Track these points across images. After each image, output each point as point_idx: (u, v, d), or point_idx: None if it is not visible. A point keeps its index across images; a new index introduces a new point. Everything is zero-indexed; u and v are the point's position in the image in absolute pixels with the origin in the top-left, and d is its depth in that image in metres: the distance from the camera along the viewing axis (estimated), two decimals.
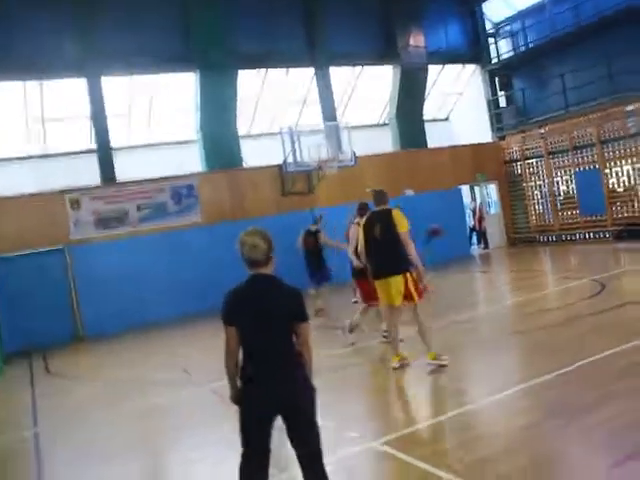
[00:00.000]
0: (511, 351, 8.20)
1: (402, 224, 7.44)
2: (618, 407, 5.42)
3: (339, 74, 20.68)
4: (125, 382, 9.52)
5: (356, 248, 8.48)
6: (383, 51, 21.18)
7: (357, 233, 8.46)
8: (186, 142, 18.76)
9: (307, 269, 12.72)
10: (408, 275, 7.39)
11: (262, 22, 18.66)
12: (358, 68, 21.47)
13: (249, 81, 19.35)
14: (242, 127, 19.16)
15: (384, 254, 7.45)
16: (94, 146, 17.29)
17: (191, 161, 18.01)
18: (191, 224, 16.61)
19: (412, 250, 7.37)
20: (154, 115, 18.95)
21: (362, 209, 9.24)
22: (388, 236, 7.41)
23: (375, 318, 9.45)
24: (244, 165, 18.16)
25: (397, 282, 7.39)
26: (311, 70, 20.06)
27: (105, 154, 17.01)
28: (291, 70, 20.18)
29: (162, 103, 18.82)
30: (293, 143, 17.13)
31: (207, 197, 17.04)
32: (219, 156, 17.85)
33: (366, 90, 22.41)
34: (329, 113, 19.65)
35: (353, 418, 6.32)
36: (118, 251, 15.43)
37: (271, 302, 3.74)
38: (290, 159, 17.19)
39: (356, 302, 11.32)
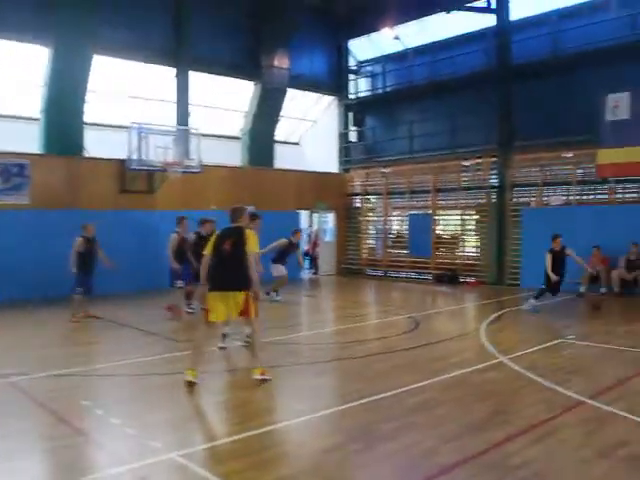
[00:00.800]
0: (325, 376, 8.43)
1: (252, 244, 7.63)
2: (414, 437, 5.77)
3: (199, 80, 20.42)
4: None
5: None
6: (246, 66, 21.21)
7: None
8: (27, 119, 17.65)
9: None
10: (248, 293, 7.54)
11: (129, 12, 17.98)
12: (220, 78, 21.34)
13: (105, 69, 18.59)
14: (89, 115, 18.32)
15: (230, 269, 7.53)
16: None
17: (29, 140, 16.95)
18: (17, 205, 15.59)
19: (254, 272, 7.56)
20: None
21: (252, 216, 9.77)
22: (237, 253, 7.54)
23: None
24: (85, 154, 17.36)
25: (237, 297, 7.53)
26: (172, 70, 19.65)
27: None
28: (152, 67, 19.65)
29: (8, 73, 17.52)
30: (140, 140, 16.68)
31: (40, 180, 16.05)
32: (60, 140, 16.90)
33: (223, 101, 22.33)
34: (182, 117, 19.32)
35: (157, 428, 6.19)
36: None
37: None
38: (135, 156, 16.69)
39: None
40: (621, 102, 16.20)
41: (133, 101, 20.08)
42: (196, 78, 20.12)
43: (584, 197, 17.47)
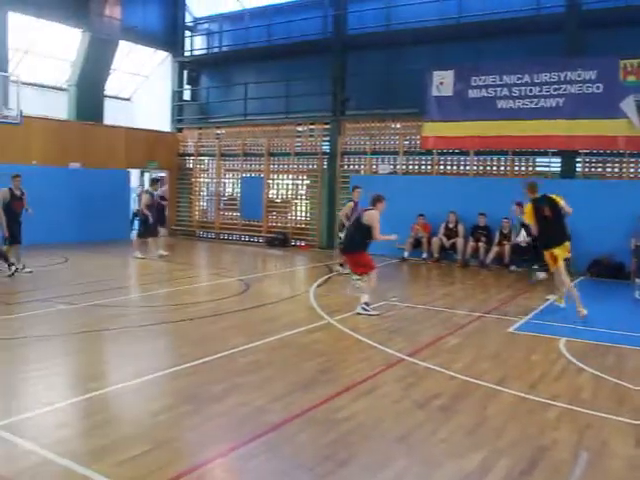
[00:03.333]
0: (153, 339, 8.26)
1: None
2: (243, 397, 5.84)
3: (19, 22, 18.86)
4: None
5: None
6: (74, 11, 19.79)
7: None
8: None
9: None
10: None
11: None
12: (43, 22, 19.84)
13: None
14: None
15: None
16: None
17: None
18: None
19: None
20: None
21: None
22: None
23: None
24: None
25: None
26: None
27: None
28: None
29: None
30: None
31: None
32: None
33: (48, 48, 20.86)
34: (0, 61, 17.79)
35: None
36: None
37: None
38: None
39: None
40: (445, 79, 17.13)
41: None
42: (17, 19, 18.57)
43: (410, 167, 18.35)
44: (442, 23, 17.74)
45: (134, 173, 22.27)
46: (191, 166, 23.02)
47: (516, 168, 16.80)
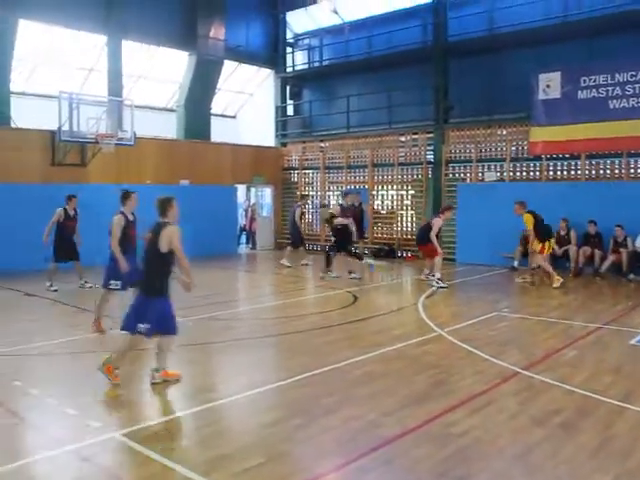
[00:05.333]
0: (265, 351, 8.41)
1: None
2: (356, 410, 5.81)
3: (132, 50, 19.84)
4: None
5: None
6: (181, 36, 20.69)
7: None
8: None
9: None
10: None
11: None
12: (153, 48, 20.81)
13: (32, 35, 17.86)
14: (16, 83, 17.62)
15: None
16: None
17: None
18: None
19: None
20: None
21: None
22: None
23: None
24: (12, 125, 16.67)
25: None
26: (103, 38, 19.03)
27: None
28: (82, 34, 18.97)
29: None
30: (71, 111, 16.08)
31: None
32: None
33: (158, 72, 21.82)
34: (115, 87, 18.73)
35: (96, 407, 6.05)
36: None
37: None
38: (66, 127, 16.09)
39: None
40: (552, 81, 16.57)
41: (62, 70, 19.43)
42: (129, 47, 19.55)
43: (517, 174, 17.85)
44: (547, 23, 17.18)
45: (240, 189, 22.81)
46: (296, 180, 23.35)
47: (632, 171, 16.00)
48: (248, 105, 25.70)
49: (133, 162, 18.34)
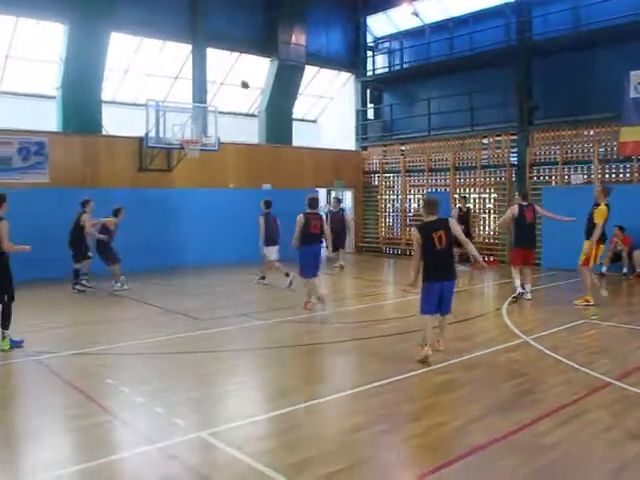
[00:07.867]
0: (347, 355, 8.40)
1: None
2: (441, 417, 5.74)
3: (215, 57, 20.28)
4: None
5: None
6: (263, 42, 21.05)
7: None
8: (44, 97, 17.67)
9: None
10: None
11: None
12: (235, 54, 21.21)
13: (122, 46, 18.52)
14: (107, 93, 18.30)
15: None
16: None
17: (46, 118, 16.97)
18: (37, 184, 15.56)
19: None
20: (12, 62, 17.54)
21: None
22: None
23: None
24: (103, 132, 17.34)
25: None
26: (188, 47, 19.56)
27: None
28: (167, 43, 19.56)
29: (23, 50, 17.44)
30: (158, 118, 16.62)
31: (58, 159, 16.06)
32: (77, 118, 16.86)
33: (240, 78, 22.15)
34: (199, 94, 19.22)
35: (183, 406, 6.20)
36: None
37: None
38: (152, 134, 16.64)
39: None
40: None
41: (150, 79, 20.05)
42: (213, 54, 19.99)
43: (606, 176, 17.22)
44: (637, 18, 16.44)
45: (321, 192, 22.90)
46: (376, 183, 23.29)
47: None
48: (329, 109, 25.81)
49: (216, 167, 18.73)
